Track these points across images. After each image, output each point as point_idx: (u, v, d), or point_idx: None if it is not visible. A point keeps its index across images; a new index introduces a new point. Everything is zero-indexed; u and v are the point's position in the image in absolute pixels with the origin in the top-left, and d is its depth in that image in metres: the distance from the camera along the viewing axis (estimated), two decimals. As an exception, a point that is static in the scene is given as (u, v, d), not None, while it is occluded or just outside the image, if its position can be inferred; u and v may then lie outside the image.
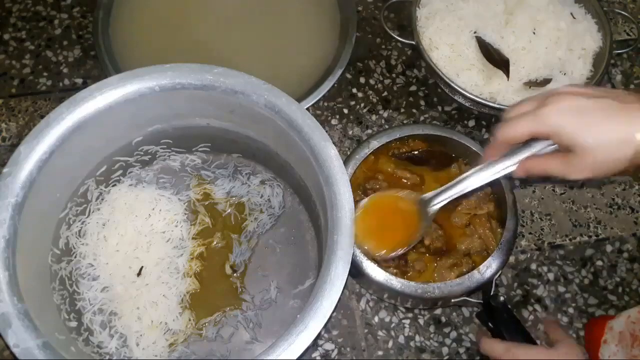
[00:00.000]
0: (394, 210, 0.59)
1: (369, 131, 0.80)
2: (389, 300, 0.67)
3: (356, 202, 0.57)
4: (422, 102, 0.83)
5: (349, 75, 0.84)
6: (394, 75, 0.84)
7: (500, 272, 0.63)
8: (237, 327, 0.63)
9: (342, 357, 0.67)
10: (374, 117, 0.81)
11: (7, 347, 0.47)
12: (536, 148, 0.49)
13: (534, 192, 0.77)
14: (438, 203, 0.57)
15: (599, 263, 0.74)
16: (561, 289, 0.72)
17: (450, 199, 0.57)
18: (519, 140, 0.48)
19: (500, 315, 0.61)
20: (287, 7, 0.84)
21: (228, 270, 0.65)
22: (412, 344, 0.68)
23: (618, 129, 0.43)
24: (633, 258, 0.74)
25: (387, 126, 0.80)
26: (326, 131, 0.57)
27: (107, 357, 0.59)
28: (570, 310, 0.71)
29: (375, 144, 0.68)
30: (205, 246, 0.66)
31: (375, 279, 0.62)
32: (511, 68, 0.75)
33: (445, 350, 0.67)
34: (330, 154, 0.56)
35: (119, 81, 0.57)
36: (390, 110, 0.82)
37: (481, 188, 0.56)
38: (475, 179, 0.54)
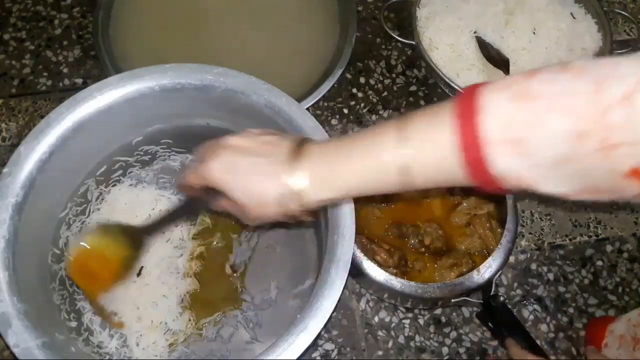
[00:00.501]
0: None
1: (369, 131, 0.80)
2: (389, 300, 0.67)
3: (356, 201, 0.57)
4: (422, 102, 0.83)
5: (349, 75, 0.84)
6: (394, 75, 0.84)
7: (500, 272, 0.63)
8: (237, 327, 0.63)
9: (342, 357, 0.67)
10: (374, 117, 0.81)
11: (7, 347, 0.47)
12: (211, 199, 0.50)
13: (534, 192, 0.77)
14: (145, 233, 0.56)
15: (599, 263, 0.74)
16: (561, 289, 0.72)
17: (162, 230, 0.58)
18: (195, 188, 0.50)
19: (500, 315, 0.61)
20: (287, 7, 0.84)
21: (228, 270, 0.65)
22: (412, 344, 0.68)
23: (268, 192, 0.45)
24: (633, 258, 0.74)
25: (387, 126, 0.80)
26: (326, 131, 0.57)
27: (107, 357, 0.59)
28: (570, 310, 0.71)
29: (375, 144, 0.68)
30: (205, 246, 0.66)
31: (375, 279, 0.62)
32: (511, 68, 0.75)
33: (445, 350, 0.67)
34: (330, 154, 0.56)
35: (119, 81, 0.57)
36: (390, 110, 0.82)
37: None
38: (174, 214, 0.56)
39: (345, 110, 0.81)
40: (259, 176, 0.45)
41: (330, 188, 0.44)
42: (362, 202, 0.68)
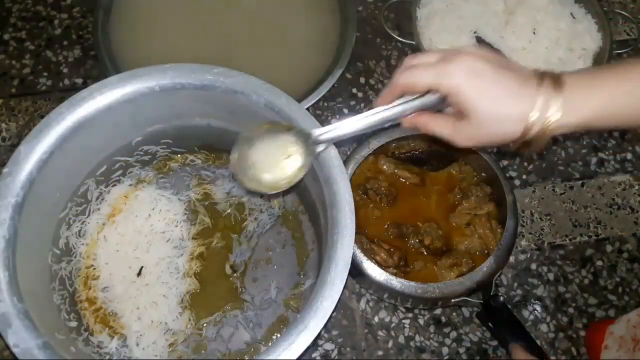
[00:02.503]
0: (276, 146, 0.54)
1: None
2: (389, 300, 0.67)
3: (356, 202, 0.57)
4: (422, 102, 0.83)
5: (349, 75, 0.84)
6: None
7: (500, 272, 0.63)
8: (237, 327, 0.63)
9: (342, 357, 0.67)
10: (374, 117, 0.81)
11: (7, 347, 0.47)
12: (429, 100, 0.47)
13: (534, 192, 0.77)
14: (323, 141, 0.53)
15: (599, 263, 0.74)
16: (561, 289, 0.72)
17: (337, 139, 0.53)
18: (417, 90, 0.46)
19: (500, 315, 0.61)
20: (287, 7, 0.84)
21: (228, 270, 0.65)
22: (412, 344, 0.68)
23: (514, 105, 0.43)
24: (633, 258, 0.74)
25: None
26: (326, 131, 0.57)
27: (107, 357, 0.59)
28: (570, 310, 0.71)
29: (375, 144, 0.68)
30: (205, 246, 0.66)
31: (375, 279, 0.62)
32: (511, 68, 0.75)
33: (445, 350, 0.67)
34: (330, 154, 0.56)
35: (119, 81, 0.57)
36: (390, 110, 0.82)
37: (370, 131, 0.52)
38: (366, 120, 0.50)
39: (345, 110, 0.81)
40: (509, 89, 0.42)
41: (578, 114, 0.42)
42: (362, 202, 0.68)
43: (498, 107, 0.43)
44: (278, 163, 0.53)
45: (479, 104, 0.43)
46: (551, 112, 0.42)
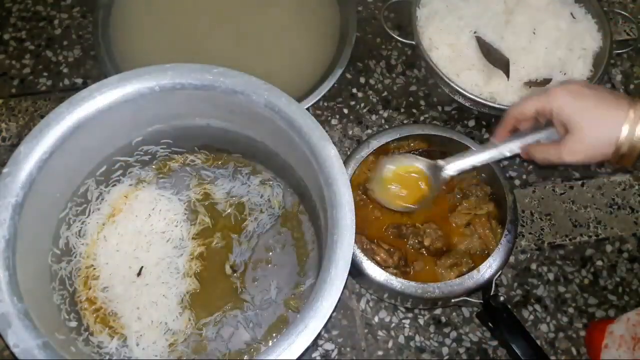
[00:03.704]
0: (408, 174, 0.64)
1: (369, 131, 0.80)
2: (389, 300, 0.67)
3: (356, 202, 0.57)
4: (422, 102, 0.83)
5: (349, 75, 0.84)
6: (394, 75, 0.84)
7: (500, 272, 0.63)
8: (237, 327, 0.63)
9: (342, 357, 0.67)
10: (374, 117, 0.81)
11: (7, 347, 0.47)
12: (539, 135, 0.56)
13: (534, 192, 0.77)
14: (450, 169, 0.62)
15: (599, 263, 0.74)
16: (561, 289, 0.72)
17: (463, 169, 0.62)
18: (527, 115, 0.55)
19: (500, 315, 0.61)
20: (287, 7, 0.84)
21: (228, 270, 0.65)
22: (412, 344, 0.68)
23: (608, 115, 0.49)
24: (633, 258, 0.74)
25: (387, 126, 0.80)
26: (326, 131, 0.57)
27: (107, 357, 0.59)
28: (570, 310, 0.71)
29: (375, 144, 0.68)
30: (205, 246, 0.66)
31: (375, 279, 0.62)
32: (511, 68, 0.75)
33: (445, 350, 0.67)
34: (330, 154, 0.56)
35: (119, 81, 0.57)
36: (390, 110, 0.82)
37: (487, 165, 0.62)
38: (488, 154, 0.60)
39: (345, 110, 0.81)
40: (608, 107, 0.49)
41: None
42: (362, 202, 0.68)
43: (592, 118, 0.50)
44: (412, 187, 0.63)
45: (579, 117, 0.50)
46: (639, 130, 0.48)
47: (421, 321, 0.69)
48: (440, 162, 0.62)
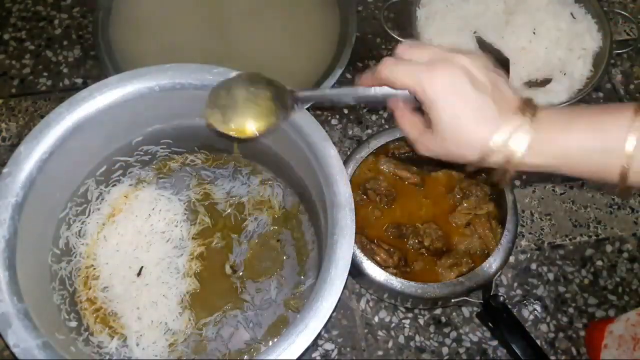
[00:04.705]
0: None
1: (369, 131, 0.80)
2: (389, 300, 0.67)
3: (356, 202, 0.57)
4: (422, 102, 0.83)
5: (349, 75, 0.84)
6: (394, 75, 0.84)
7: (500, 272, 0.63)
8: (237, 327, 0.63)
9: (342, 357, 0.67)
10: (374, 117, 0.81)
11: (7, 347, 0.47)
12: (409, 97, 0.46)
13: (534, 192, 0.77)
14: (300, 98, 0.53)
15: (599, 263, 0.74)
16: (561, 289, 0.72)
17: (314, 99, 0.54)
18: (396, 87, 0.46)
19: (500, 315, 0.61)
20: (287, 7, 0.84)
21: (228, 270, 0.65)
22: (412, 344, 0.68)
23: (478, 128, 0.42)
24: (633, 258, 0.74)
25: (387, 126, 0.80)
26: (326, 131, 0.57)
27: (107, 357, 0.59)
28: (570, 310, 0.71)
29: (375, 144, 0.68)
30: (205, 246, 0.66)
31: (375, 279, 0.62)
32: (511, 68, 0.75)
33: (445, 350, 0.67)
34: (330, 154, 0.56)
35: (119, 81, 0.57)
36: (390, 110, 0.82)
37: (338, 104, 0.56)
38: (345, 91, 0.51)
39: (345, 110, 0.81)
40: (481, 114, 0.42)
41: (545, 156, 0.41)
42: (361, 202, 0.68)
43: (461, 127, 0.42)
44: (252, 111, 0.53)
45: (445, 119, 0.43)
46: (515, 145, 0.41)
47: (421, 321, 0.69)
48: (291, 88, 0.53)
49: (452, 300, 0.62)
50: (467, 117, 0.42)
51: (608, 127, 0.40)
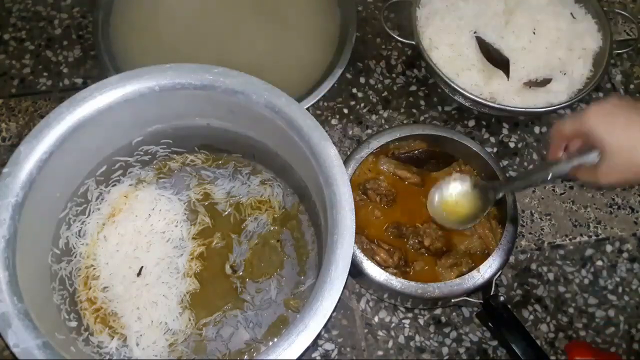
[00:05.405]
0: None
1: (369, 131, 0.80)
2: (389, 300, 0.67)
3: (356, 202, 0.57)
4: (422, 102, 0.83)
5: (349, 75, 0.84)
6: (394, 75, 0.84)
7: (500, 272, 0.63)
8: (237, 327, 0.63)
9: (342, 357, 0.67)
10: (374, 117, 0.81)
11: (7, 347, 0.47)
12: (584, 159, 0.53)
13: (534, 192, 0.77)
14: (501, 192, 0.62)
15: (599, 263, 0.74)
16: (561, 289, 0.72)
17: (514, 190, 0.64)
18: (566, 135, 0.54)
19: (500, 315, 0.61)
20: (287, 7, 0.84)
21: (228, 270, 0.65)
22: (412, 344, 0.68)
23: (634, 138, 0.48)
24: (633, 258, 0.74)
25: (387, 126, 0.80)
26: (326, 131, 0.57)
27: (107, 357, 0.59)
28: (570, 310, 0.71)
29: (375, 144, 0.68)
30: (205, 246, 0.66)
31: (375, 279, 0.62)
32: (511, 68, 0.75)
33: (445, 350, 0.67)
34: (330, 154, 0.56)
35: (119, 81, 0.57)
36: (390, 110, 0.82)
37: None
38: (540, 175, 0.57)
39: (345, 110, 0.81)
40: (637, 128, 0.47)
41: None
42: (361, 202, 0.68)
43: (627, 139, 0.48)
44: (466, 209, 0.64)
45: (609, 138, 0.49)
46: None
47: (421, 321, 0.69)
48: (490, 183, 0.64)
49: (452, 300, 0.62)
50: (629, 130, 0.48)
51: None
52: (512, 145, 0.81)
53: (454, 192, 0.63)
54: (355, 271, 0.62)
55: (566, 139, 0.55)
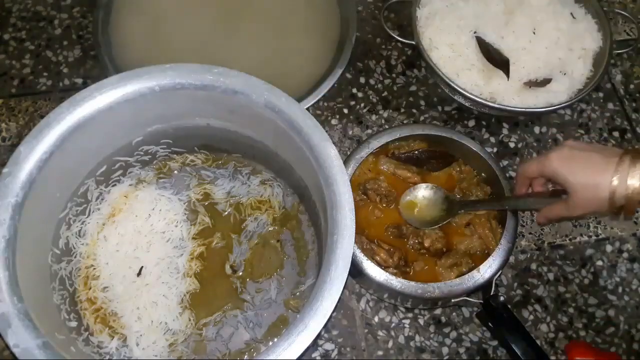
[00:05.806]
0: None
1: (369, 131, 0.80)
2: (389, 300, 0.67)
3: (356, 202, 0.57)
4: (422, 102, 0.83)
5: (349, 75, 0.84)
6: (394, 75, 0.84)
7: (500, 272, 0.63)
8: (237, 327, 0.63)
9: (342, 357, 0.67)
10: (374, 117, 0.81)
11: (7, 347, 0.47)
12: (548, 201, 0.60)
13: (534, 192, 0.77)
14: (463, 209, 0.66)
15: (599, 263, 0.74)
16: (561, 289, 0.72)
17: (477, 211, 0.67)
18: (531, 176, 0.60)
19: (500, 315, 0.61)
20: (287, 7, 0.84)
21: (228, 270, 0.65)
22: (412, 344, 0.68)
23: (596, 175, 0.52)
24: (633, 258, 0.74)
25: (387, 126, 0.80)
26: (326, 131, 0.57)
27: (107, 357, 0.59)
28: (570, 310, 0.71)
29: (375, 144, 0.68)
30: (205, 246, 0.66)
31: (375, 279, 0.62)
32: (511, 68, 0.75)
33: (445, 350, 0.67)
34: (330, 154, 0.56)
35: (119, 81, 0.57)
36: (390, 110, 0.82)
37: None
38: (498, 205, 0.67)
39: (345, 110, 0.81)
40: (595, 165, 0.52)
41: None
42: (361, 202, 0.68)
43: (587, 179, 0.53)
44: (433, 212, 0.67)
45: (572, 179, 0.54)
46: (631, 180, 0.51)
47: (421, 321, 0.69)
48: (459, 199, 0.67)
49: (452, 300, 0.62)
50: (588, 172, 0.53)
51: None
52: (512, 145, 0.81)
53: (425, 196, 0.68)
54: (355, 271, 0.62)
55: (530, 178, 0.60)
